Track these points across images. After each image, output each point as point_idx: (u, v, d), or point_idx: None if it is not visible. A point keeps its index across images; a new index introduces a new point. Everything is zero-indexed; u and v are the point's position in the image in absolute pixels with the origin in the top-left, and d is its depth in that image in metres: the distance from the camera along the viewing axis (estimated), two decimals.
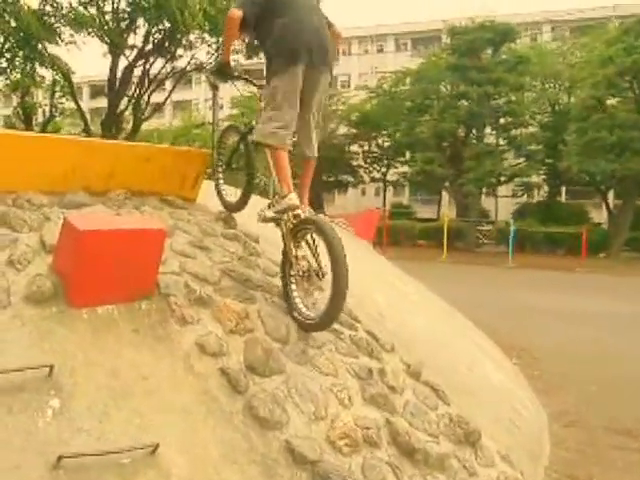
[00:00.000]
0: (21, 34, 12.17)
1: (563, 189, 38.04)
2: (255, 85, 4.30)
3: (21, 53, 13.52)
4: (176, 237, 3.80)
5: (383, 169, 41.68)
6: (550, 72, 32.98)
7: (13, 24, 11.97)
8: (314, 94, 3.98)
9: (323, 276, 3.50)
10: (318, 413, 3.07)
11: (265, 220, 3.88)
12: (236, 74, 4.37)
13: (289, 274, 3.70)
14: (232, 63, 4.21)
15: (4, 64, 14.86)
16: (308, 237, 3.62)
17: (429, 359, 4.34)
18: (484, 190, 33.94)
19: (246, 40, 13.36)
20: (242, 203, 4.47)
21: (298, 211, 3.70)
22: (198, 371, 2.95)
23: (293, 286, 3.68)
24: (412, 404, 3.63)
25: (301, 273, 3.60)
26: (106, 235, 2.87)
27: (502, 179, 32.44)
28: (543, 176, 34.52)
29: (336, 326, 3.76)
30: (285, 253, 3.74)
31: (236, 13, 3.83)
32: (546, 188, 36.10)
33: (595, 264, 24.20)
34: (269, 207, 3.86)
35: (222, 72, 4.25)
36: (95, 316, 2.96)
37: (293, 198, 3.72)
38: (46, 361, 2.57)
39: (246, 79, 4.47)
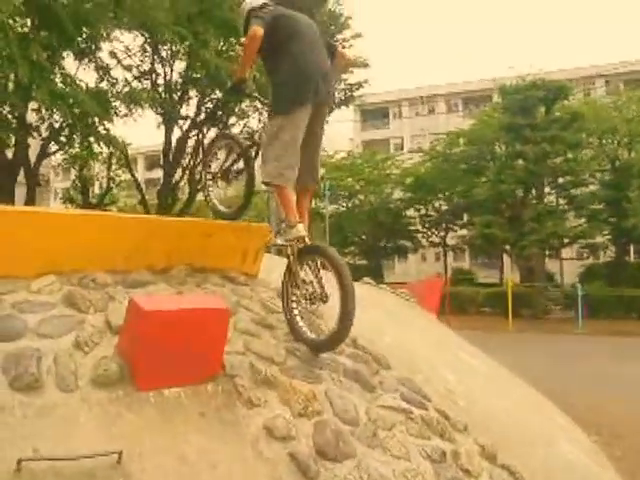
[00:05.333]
0: (77, 111, 12.64)
1: (631, 248, 36.63)
2: (266, 105, 4.43)
3: (78, 130, 14.05)
4: (239, 315, 3.77)
5: (442, 233, 41.16)
6: (607, 127, 32.01)
7: (70, 102, 12.41)
8: (320, 124, 4.09)
9: (327, 300, 3.62)
10: None
11: (273, 246, 4.21)
12: (249, 92, 4.58)
13: (291, 299, 3.81)
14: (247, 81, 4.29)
15: (63, 139, 15.49)
16: (313, 261, 3.75)
17: (504, 439, 4.10)
18: (547, 252, 32.92)
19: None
20: (238, 214, 4.50)
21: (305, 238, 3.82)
22: (267, 457, 2.85)
23: (295, 311, 3.80)
24: None
25: (307, 296, 3.71)
26: (171, 315, 2.84)
27: (566, 241, 31.44)
28: (608, 236, 33.22)
29: (406, 405, 3.62)
30: (287, 279, 3.85)
31: (259, 32, 3.91)
32: (612, 248, 34.61)
33: None
34: (277, 235, 4.11)
35: (237, 89, 4.34)
36: (162, 399, 2.91)
37: (301, 229, 3.81)
38: (114, 446, 2.53)
39: (257, 98, 4.86)
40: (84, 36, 13.11)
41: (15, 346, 2.88)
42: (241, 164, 4.51)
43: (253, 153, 4.39)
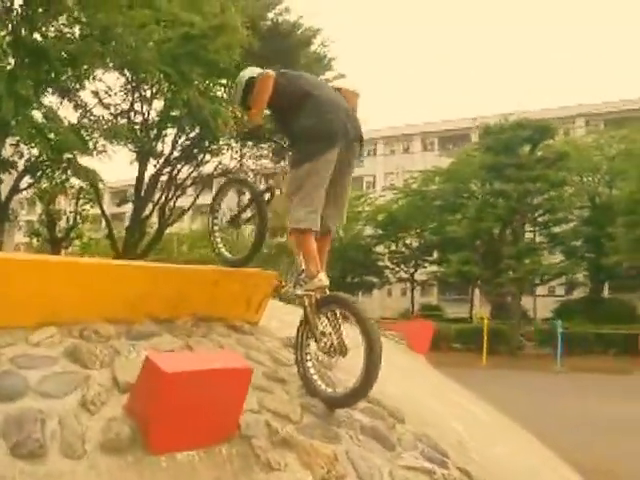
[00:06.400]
0: (56, 145, 12.52)
1: (606, 285, 36.77)
2: (284, 147, 4.31)
3: (57, 164, 13.88)
4: None
5: (411, 269, 41.31)
6: (588, 166, 32.63)
7: (51, 138, 12.29)
8: (348, 170, 3.93)
9: (346, 353, 3.47)
10: None
11: (291, 296, 3.87)
12: (268, 136, 4.54)
13: (305, 352, 3.65)
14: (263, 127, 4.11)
15: (39, 174, 15.27)
16: (332, 312, 3.55)
17: None
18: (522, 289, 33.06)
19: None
20: (245, 261, 4.27)
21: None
22: None
23: (309, 364, 3.64)
24: None
25: (326, 349, 3.52)
26: (192, 376, 2.61)
27: (546, 277, 31.64)
28: (584, 272, 33.57)
29: (428, 465, 3.43)
30: (302, 330, 3.67)
31: (270, 72, 3.86)
32: (588, 284, 34.85)
33: None
34: (296, 285, 3.77)
35: (255, 135, 4.28)
36: (174, 464, 2.68)
37: (323, 279, 3.63)
38: None
39: (275, 141, 4.67)
40: (69, 74, 13.07)
41: (16, 407, 2.62)
42: (250, 210, 4.34)
43: (266, 199, 4.21)
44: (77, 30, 13.19)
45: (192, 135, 18.47)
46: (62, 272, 3.37)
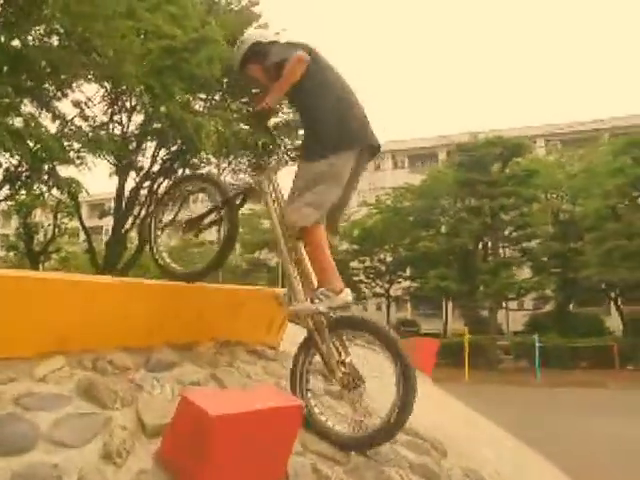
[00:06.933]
0: (37, 154, 12.03)
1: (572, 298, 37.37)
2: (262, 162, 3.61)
3: (36, 175, 13.36)
4: None
5: (386, 284, 41.19)
6: (552, 183, 33.43)
7: (32, 146, 11.79)
8: (359, 174, 3.47)
9: (362, 384, 2.97)
10: None
11: (306, 314, 3.08)
12: (271, 124, 3.68)
13: (306, 388, 3.08)
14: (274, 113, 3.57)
15: (18, 184, 14.65)
16: (352, 336, 3.09)
17: None
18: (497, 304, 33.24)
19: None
20: (202, 275, 3.51)
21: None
22: None
23: (312, 402, 3.07)
24: None
25: (344, 381, 2.98)
26: (242, 419, 2.19)
27: (521, 292, 31.89)
28: (552, 286, 33.96)
29: None
30: (301, 359, 3.12)
31: (306, 56, 3.30)
32: (557, 298, 35.28)
33: (627, 378, 22.92)
34: (315, 301, 3.07)
35: (261, 119, 3.50)
36: None
37: (349, 294, 3.14)
38: None
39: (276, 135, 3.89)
40: (51, 82, 12.60)
41: (24, 462, 2.11)
42: (215, 214, 3.62)
43: (238, 203, 3.62)
44: (55, 40, 12.75)
45: (173, 149, 17.99)
46: (68, 292, 2.86)
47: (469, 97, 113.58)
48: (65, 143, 13.29)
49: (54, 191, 14.33)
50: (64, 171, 14.20)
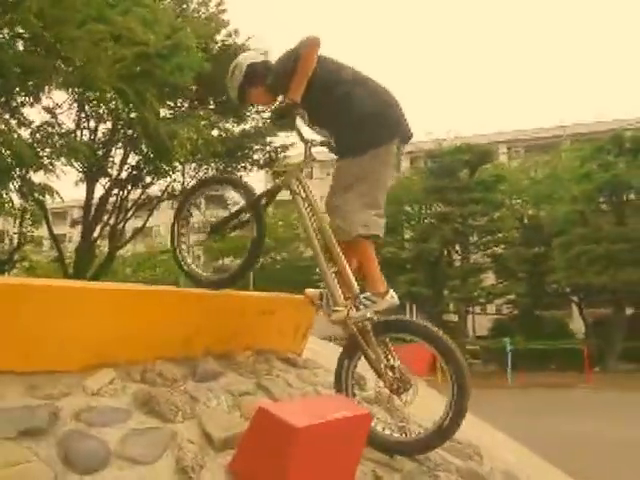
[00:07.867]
0: (8, 163, 11.73)
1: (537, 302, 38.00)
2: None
3: (6, 181, 13.00)
4: None
5: None
6: (516, 189, 34.01)
7: (3, 152, 11.49)
8: (395, 173, 3.30)
9: (410, 388, 2.91)
10: None
11: (351, 320, 2.96)
12: (301, 115, 3.22)
13: (352, 392, 3.03)
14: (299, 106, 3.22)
15: None
16: (390, 340, 2.99)
17: None
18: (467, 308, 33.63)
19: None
20: (230, 281, 3.39)
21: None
22: None
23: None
24: None
25: (393, 386, 2.90)
26: (322, 429, 2.14)
27: (490, 296, 32.27)
28: (520, 290, 34.51)
29: None
30: (348, 365, 3.03)
31: (318, 39, 3.12)
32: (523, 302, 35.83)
33: (595, 379, 23.51)
34: (360, 307, 2.95)
35: (289, 114, 3.20)
36: None
37: (395, 297, 3.05)
38: None
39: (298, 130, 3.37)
40: (16, 89, 12.30)
41: None
42: (242, 217, 3.52)
43: (263, 204, 3.46)
44: (20, 45, 12.44)
45: (142, 156, 17.72)
46: (108, 300, 2.74)
47: (431, 101, 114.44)
48: (38, 149, 12.98)
49: (16, 199, 14.03)
50: (34, 177, 13.86)
